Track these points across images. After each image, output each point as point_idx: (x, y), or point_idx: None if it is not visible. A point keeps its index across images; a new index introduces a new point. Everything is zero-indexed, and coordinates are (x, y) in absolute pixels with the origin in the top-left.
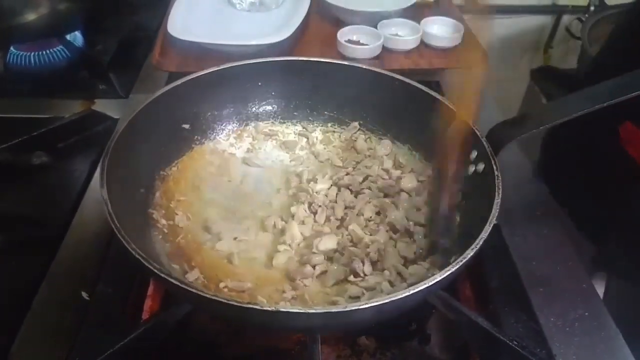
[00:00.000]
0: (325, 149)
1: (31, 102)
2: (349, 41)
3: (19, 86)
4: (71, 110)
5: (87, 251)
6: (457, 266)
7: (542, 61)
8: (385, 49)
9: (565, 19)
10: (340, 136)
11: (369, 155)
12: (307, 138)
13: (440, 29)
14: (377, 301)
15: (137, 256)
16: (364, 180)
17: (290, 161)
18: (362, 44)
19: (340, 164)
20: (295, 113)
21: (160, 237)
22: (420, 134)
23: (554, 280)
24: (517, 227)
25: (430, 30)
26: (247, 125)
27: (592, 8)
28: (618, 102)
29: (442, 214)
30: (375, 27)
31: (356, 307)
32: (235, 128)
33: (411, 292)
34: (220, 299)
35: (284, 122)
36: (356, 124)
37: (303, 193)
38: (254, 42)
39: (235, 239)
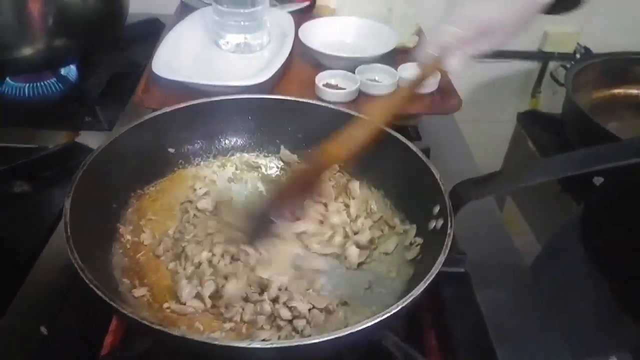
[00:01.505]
0: None
1: (17, 132)
2: (327, 85)
3: (11, 116)
4: (56, 141)
5: (53, 283)
6: (375, 320)
7: (529, 105)
8: (362, 94)
9: (552, 65)
10: None
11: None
12: (287, 173)
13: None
14: (299, 341)
15: (72, 259)
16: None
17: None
18: (340, 88)
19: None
20: (281, 147)
21: (121, 251)
22: (394, 183)
23: (523, 335)
24: (486, 278)
25: (407, 76)
26: (232, 155)
27: (577, 55)
28: (582, 173)
29: None
30: (354, 72)
31: (282, 345)
32: (220, 157)
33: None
34: (135, 318)
35: (268, 156)
36: (336, 165)
37: None
38: (235, 84)
39: None
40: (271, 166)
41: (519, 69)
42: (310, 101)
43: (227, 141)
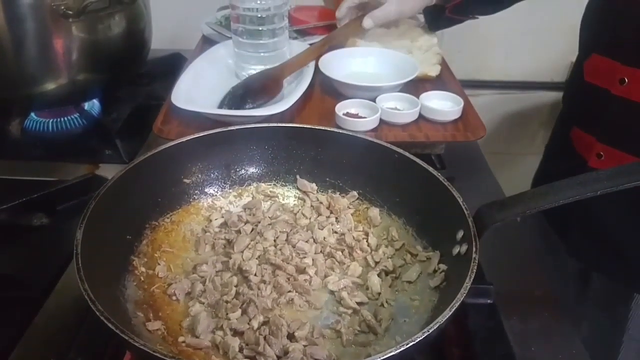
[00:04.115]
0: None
1: (38, 165)
2: (347, 114)
3: (33, 150)
4: (76, 174)
5: (66, 316)
6: (398, 350)
7: None
8: (383, 122)
9: None
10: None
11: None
12: (305, 202)
13: (439, 103)
14: None
15: (83, 291)
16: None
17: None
18: (361, 117)
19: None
20: (297, 177)
21: (135, 284)
22: (415, 209)
23: None
24: (515, 308)
25: (428, 104)
26: (248, 185)
27: None
28: (610, 191)
29: None
30: (374, 101)
31: None
32: (236, 187)
33: None
34: (148, 350)
35: (285, 185)
36: (355, 192)
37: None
38: (254, 113)
39: None
40: (288, 195)
41: (546, 100)
42: (327, 129)
43: (243, 171)
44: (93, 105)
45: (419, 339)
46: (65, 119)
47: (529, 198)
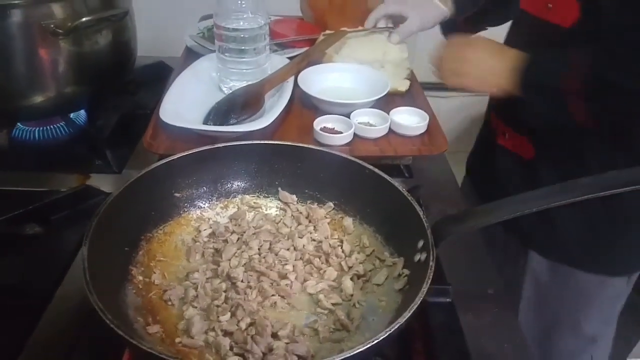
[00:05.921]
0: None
1: (30, 175)
2: (324, 129)
3: (22, 160)
4: (68, 184)
5: (66, 324)
6: (365, 347)
7: None
8: (356, 137)
9: None
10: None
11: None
12: (286, 212)
13: (407, 118)
14: None
15: (93, 302)
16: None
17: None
18: (337, 132)
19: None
20: (279, 189)
21: (134, 291)
22: (384, 220)
23: (500, 358)
24: (470, 305)
25: (397, 120)
26: (234, 197)
27: None
28: (560, 205)
29: None
30: (349, 117)
31: None
32: (223, 199)
33: None
34: (154, 353)
35: (268, 197)
36: (331, 203)
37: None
38: (237, 129)
39: None
40: (270, 206)
41: None
42: (306, 146)
43: (229, 184)
44: (78, 115)
45: (382, 337)
46: (52, 127)
47: (480, 214)
